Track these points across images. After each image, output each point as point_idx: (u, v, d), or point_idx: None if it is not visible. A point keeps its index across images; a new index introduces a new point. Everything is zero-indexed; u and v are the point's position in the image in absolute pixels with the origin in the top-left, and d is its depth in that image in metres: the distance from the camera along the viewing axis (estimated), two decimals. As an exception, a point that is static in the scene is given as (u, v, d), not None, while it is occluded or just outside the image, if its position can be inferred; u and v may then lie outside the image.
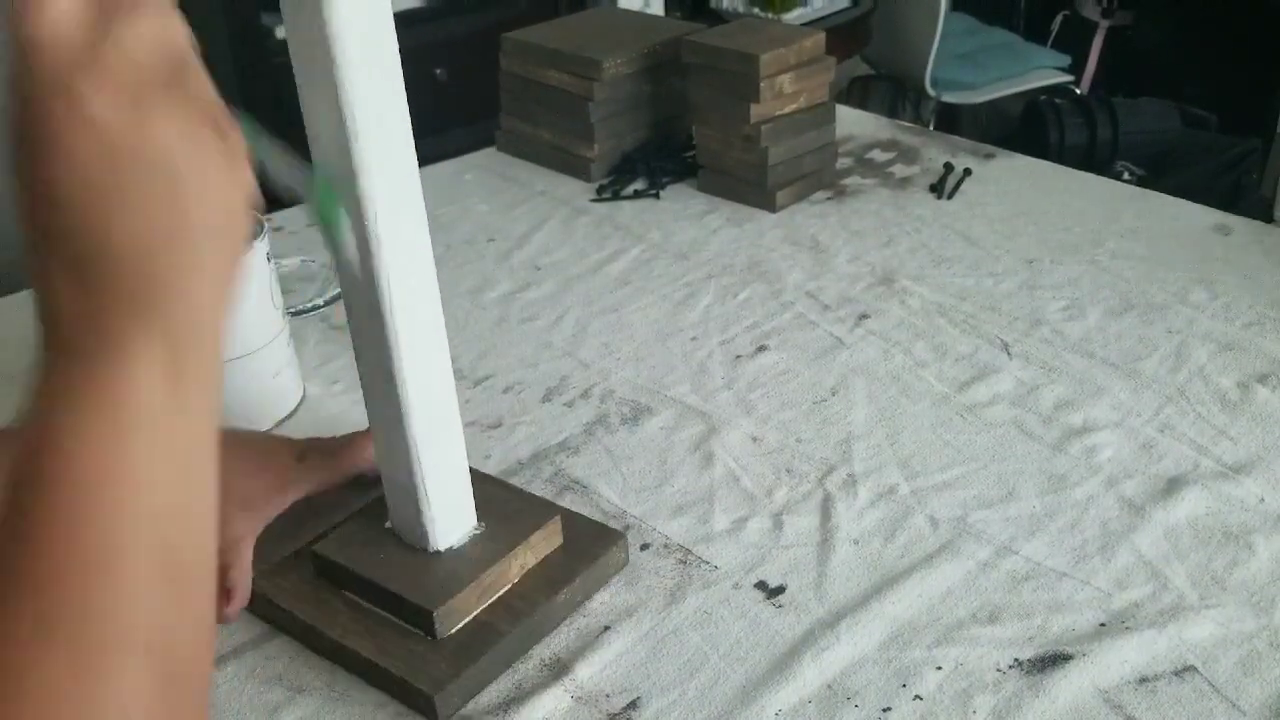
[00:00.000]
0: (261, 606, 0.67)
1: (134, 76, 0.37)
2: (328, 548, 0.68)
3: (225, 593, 0.65)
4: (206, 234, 0.39)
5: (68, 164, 0.36)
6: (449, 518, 0.66)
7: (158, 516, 0.38)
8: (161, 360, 0.38)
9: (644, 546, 0.73)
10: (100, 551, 0.36)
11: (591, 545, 0.69)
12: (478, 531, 0.68)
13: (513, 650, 0.64)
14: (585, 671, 0.63)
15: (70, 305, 0.38)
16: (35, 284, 0.39)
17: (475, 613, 0.65)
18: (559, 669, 0.64)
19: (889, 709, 0.60)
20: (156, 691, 0.36)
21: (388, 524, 0.68)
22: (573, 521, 0.71)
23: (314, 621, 0.65)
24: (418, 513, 0.65)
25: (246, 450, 0.70)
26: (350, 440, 0.74)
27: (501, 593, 0.66)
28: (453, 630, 0.63)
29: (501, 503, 0.70)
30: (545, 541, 0.68)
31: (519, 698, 0.62)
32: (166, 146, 0.37)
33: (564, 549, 0.69)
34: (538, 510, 0.70)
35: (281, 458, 0.71)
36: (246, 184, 0.41)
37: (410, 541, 0.67)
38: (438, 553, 0.66)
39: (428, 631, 0.63)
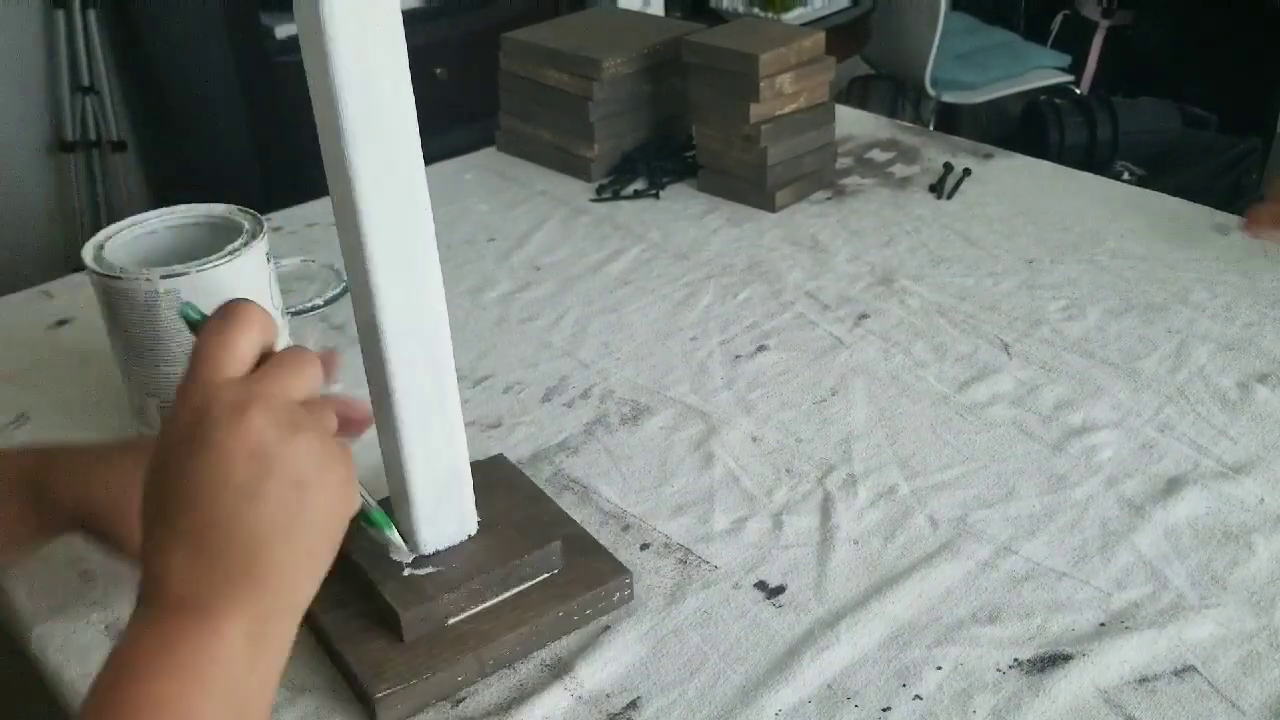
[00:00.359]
0: None
1: (288, 407, 0.47)
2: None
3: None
4: (318, 535, 0.47)
5: (220, 464, 0.45)
6: (442, 520, 0.66)
7: None
8: (250, 632, 0.45)
9: (644, 546, 0.73)
10: None
11: (588, 578, 0.67)
12: (479, 540, 0.67)
13: (465, 673, 0.63)
14: (585, 671, 0.63)
15: (181, 571, 0.45)
16: (149, 547, 0.46)
17: (452, 621, 0.64)
18: (559, 668, 0.64)
19: (889, 709, 0.60)
20: None
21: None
22: (580, 545, 0.69)
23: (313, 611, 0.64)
24: (410, 513, 0.65)
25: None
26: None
27: (485, 606, 0.65)
28: (421, 636, 0.63)
29: (508, 511, 0.69)
30: (540, 562, 0.67)
31: (519, 697, 0.62)
32: (304, 461, 0.46)
33: (560, 573, 0.67)
34: (539, 530, 0.68)
35: None
36: (355, 498, 0.50)
37: (408, 538, 0.66)
38: (427, 556, 0.65)
39: (396, 635, 0.63)
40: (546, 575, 0.67)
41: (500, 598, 0.65)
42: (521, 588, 0.66)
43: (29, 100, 2.42)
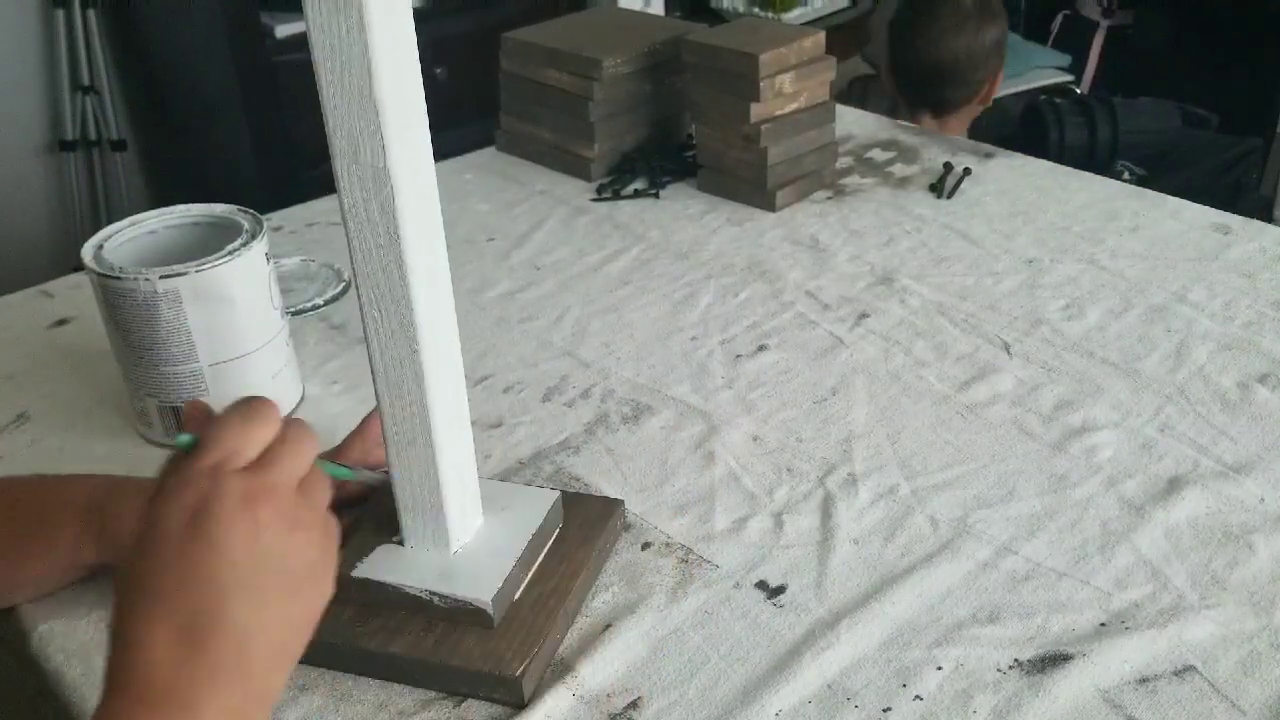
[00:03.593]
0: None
1: (291, 500, 0.48)
2: (351, 568, 0.66)
3: None
4: (301, 628, 0.48)
5: (220, 557, 0.45)
6: (466, 518, 0.67)
7: None
8: None
9: (645, 546, 0.73)
10: None
11: (593, 517, 0.72)
12: (489, 526, 0.68)
13: (561, 628, 0.65)
14: (587, 671, 0.63)
15: (163, 659, 0.44)
16: (123, 629, 0.45)
17: (517, 598, 0.66)
18: (561, 668, 0.64)
19: (889, 709, 0.60)
20: None
21: (396, 538, 0.67)
22: (571, 500, 0.73)
23: (371, 647, 0.64)
24: (440, 515, 0.65)
25: None
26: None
27: (531, 575, 0.67)
28: (503, 617, 0.65)
29: (500, 497, 0.70)
30: (550, 522, 0.70)
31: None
32: (301, 558, 0.47)
33: (567, 525, 0.71)
34: (535, 496, 0.71)
35: None
36: (332, 587, 0.50)
37: (427, 545, 0.66)
38: (457, 552, 0.66)
39: (484, 624, 0.64)
40: (559, 530, 0.70)
41: (538, 560, 0.68)
42: (548, 546, 0.69)
43: (29, 100, 2.42)
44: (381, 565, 0.66)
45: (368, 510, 0.70)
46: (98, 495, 0.67)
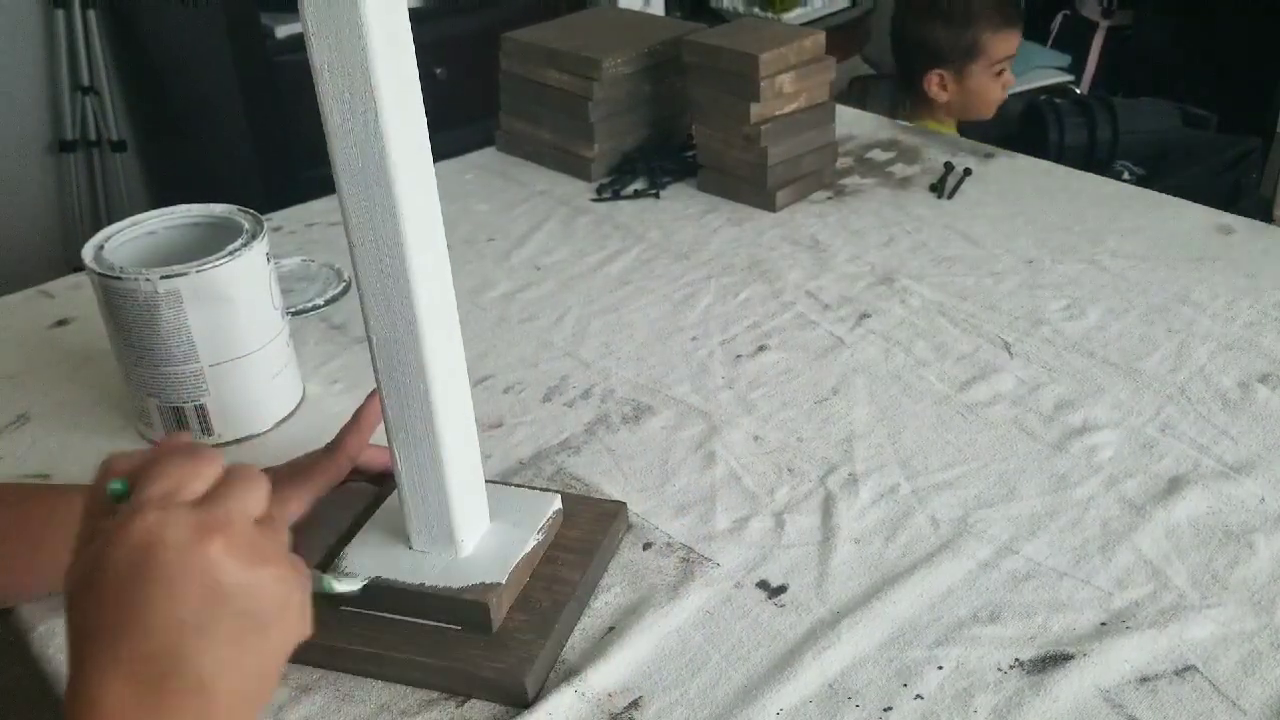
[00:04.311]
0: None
1: (248, 535, 0.44)
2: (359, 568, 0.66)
3: None
4: (267, 669, 0.45)
5: (172, 596, 0.42)
6: (472, 520, 0.67)
7: None
8: None
9: (646, 545, 0.73)
10: None
11: (597, 519, 0.72)
12: (493, 528, 0.68)
13: (564, 630, 0.66)
14: (588, 670, 0.63)
15: (120, 702, 0.41)
16: (81, 670, 0.42)
17: (520, 599, 0.66)
18: (562, 668, 0.64)
19: (890, 709, 0.60)
20: None
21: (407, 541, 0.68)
22: (575, 502, 0.74)
23: (375, 649, 0.64)
24: (448, 519, 0.65)
25: None
26: (309, 469, 0.72)
27: (534, 577, 0.67)
28: (507, 619, 0.65)
29: (503, 499, 0.71)
30: (554, 524, 0.71)
31: (520, 697, 0.62)
32: (264, 596, 0.44)
33: (571, 527, 0.71)
34: (538, 499, 0.72)
35: None
36: (309, 624, 0.47)
37: (433, 547, 0.67)
38: (463, 553, 0.66)
39: (487, 625, 0.64)
40: (563, 532, 0.71)
41: (542, 562, 0.68)
42: (552, 549, 0.70)
43: (29, 100, 2.43)
44: (387, 565, 0.66)
45: (377, 512, 0.70)
46: None
